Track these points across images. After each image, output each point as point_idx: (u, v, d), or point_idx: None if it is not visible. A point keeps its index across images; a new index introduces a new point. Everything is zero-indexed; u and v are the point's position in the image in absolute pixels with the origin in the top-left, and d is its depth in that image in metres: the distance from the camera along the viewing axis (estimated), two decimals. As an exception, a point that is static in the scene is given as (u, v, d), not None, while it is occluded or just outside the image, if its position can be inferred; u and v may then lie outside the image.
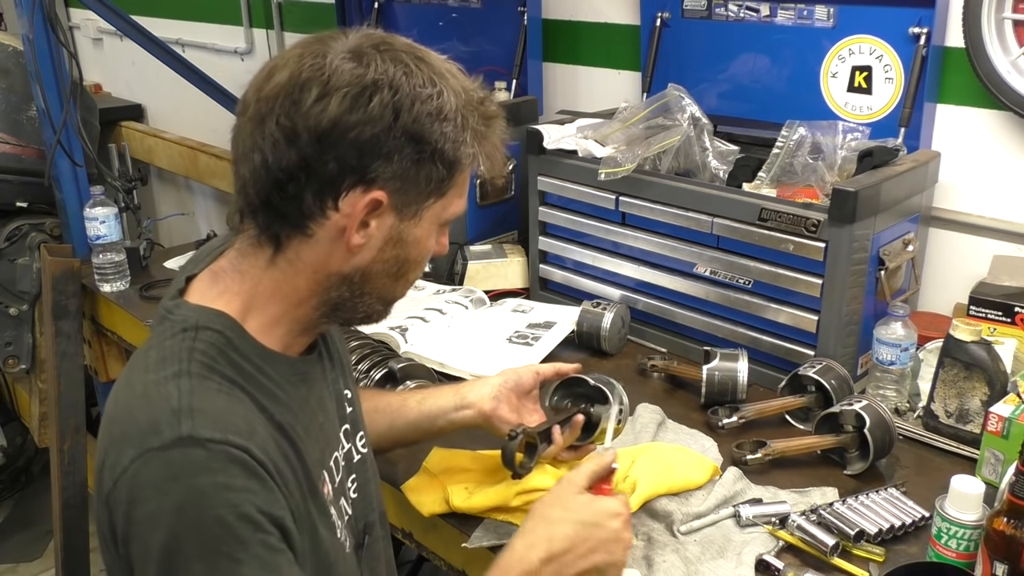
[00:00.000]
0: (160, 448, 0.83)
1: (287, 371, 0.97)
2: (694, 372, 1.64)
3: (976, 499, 1.13)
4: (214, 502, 0.82)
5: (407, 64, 0.91)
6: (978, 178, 1.76)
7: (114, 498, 0.85)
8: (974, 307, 1.60)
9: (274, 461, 0.89)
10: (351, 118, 0.88)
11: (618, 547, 1.06)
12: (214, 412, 0.86)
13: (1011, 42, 1.62)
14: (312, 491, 0.97)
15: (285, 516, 0.88)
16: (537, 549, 1.03)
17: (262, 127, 0.89)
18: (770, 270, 1.63)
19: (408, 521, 1.43)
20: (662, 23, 2.10)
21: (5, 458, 3.34)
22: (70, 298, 2.37)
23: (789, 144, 1.77)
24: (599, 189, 1.84)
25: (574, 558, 1.03)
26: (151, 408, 0.87)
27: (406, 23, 2.69)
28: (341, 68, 0.88)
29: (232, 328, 0.93)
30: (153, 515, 0.82)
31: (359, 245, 0.93)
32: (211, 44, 3.52)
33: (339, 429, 1.10)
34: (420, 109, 0.90)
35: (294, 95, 0.88)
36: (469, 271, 2.06)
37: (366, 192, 0.90)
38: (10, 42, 2.73)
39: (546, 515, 1.07)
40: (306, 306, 0.98)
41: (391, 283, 1.00)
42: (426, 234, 0.98)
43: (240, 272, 0.96)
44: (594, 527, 1.06)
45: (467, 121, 0.94)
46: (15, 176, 2.68)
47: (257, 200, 0.92)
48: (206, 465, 0.83)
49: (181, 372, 0.89)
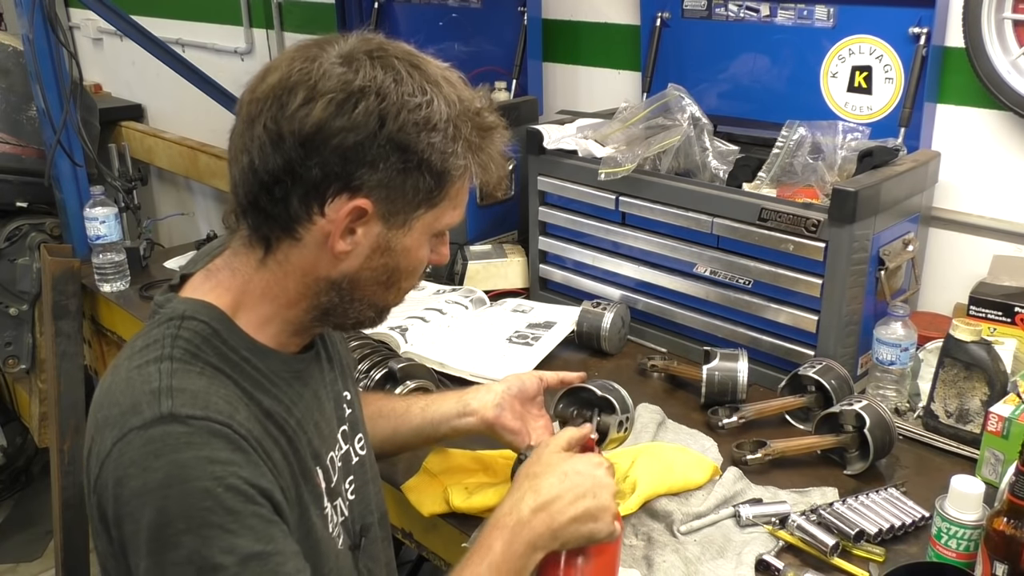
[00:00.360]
0: (141, 427, 0.84)
1: (280, 367, 0.98)
2: (694, 372, 1.64)
3: (976, 499, 1.13)
4: (199, 474, 0.83)
5: (398, 71, 0.90)
6: (978, 178, 1.76)
7: (101, 482, 0.86)
8: (974, 307, 1.60)
9: (258, 439, 0.89)
10: (335, 124, 0.87)
11: (604, 491, 1.07)
12: (194, 391, 0.87)
13: (1011, 42, 1.62)
14: (305, 476, 0.97)
15: (274, 489, 0.88)
16: (526, 501, 1.04)
17: (251, 129, 0.90)
18: (770, 270, 1.63)
19: (408, 521, 1.43)
20: (662, 23, 2.10)
21: (5, 458, 3.34)
22: (70, 298, 2.37)
23: (789, 144, 1.77)
24: (599, 189, 1.84)
25: (563, 504, 1.04)
26: (132, 391, 0.87)
27: (406, 23, 2.69)
28: (330, 73, 0.88)
29: (219, 319, 0.94)
30: (139, 492, 0.83)
31: (345, 252, 0.93)
32: (211, 44, 3.52)
33: (337, 430, 1.10)
34: (407, 118, 0.89)
35: (282, 98, 0.88)
36: (469, 271, 2.06)
37: (351, 199, 0.90)
38: (10, 42, 2.73)
39: (529, 473, 1.09)
40: (296, 308, 0.97)
41: (382, 291, 0.99)
42: (416, 244, 0.97)
43: (232, 270, 0.97)
44: (577, 475, 1.07)
45: (459, 131, 0.93)
46: (15, 176, 2.68)
47: (246, 202, 0.92)
48: (188, 440, 0.84)
49: (163, 357, 0.90)
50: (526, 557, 1.01)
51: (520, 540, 1.01)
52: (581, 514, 1.04)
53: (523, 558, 1.01)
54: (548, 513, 1.03)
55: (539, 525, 1.02)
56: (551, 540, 1.03)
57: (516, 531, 1.02)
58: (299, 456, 0.96)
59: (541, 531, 1.02)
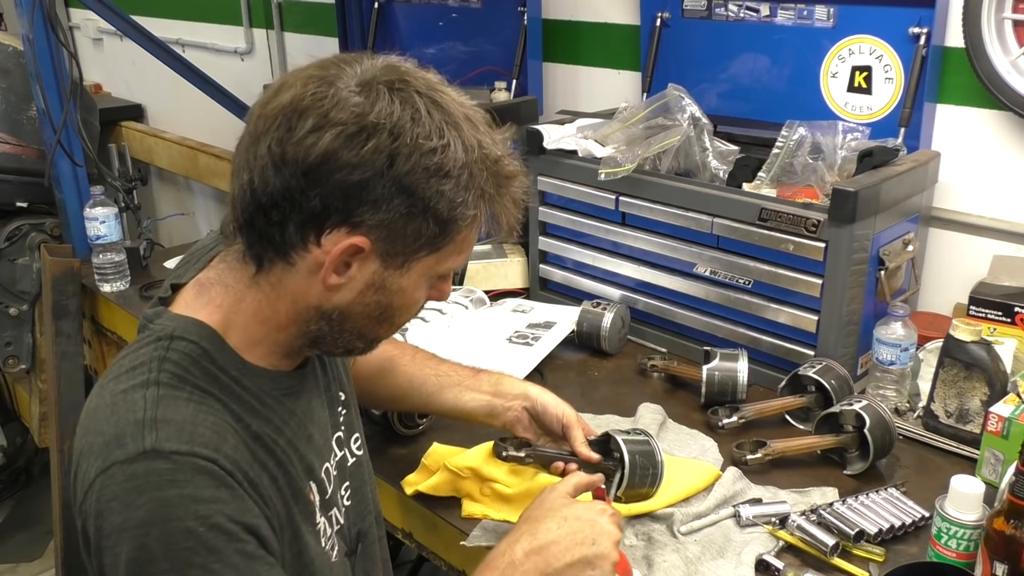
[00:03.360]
0: (125, 461, 0.82)
1: (270, 386, 0.95)
2: (694, 372, 1.64)
3: (976, 499, 1.13)
4: (182, 514, 0.81)
5: (417, 108, 0.85)
6: (978, 178, 1.76)
7: (84, 510, 0.85)
8: (974, 307, 1.60)
9: (244, 470, 0.87)
10: (342, 157, 0.83)
11: (605, 539, 1.04)
12: (180, 422, 0.84)
13: (1011, 42, 1.62)
14: (296, 497, 0.95)
15: (260, 524, 0.86)
16: (521, 543, 1.02)
17: (256, 146, 0.86)
18: (770, 270, 1.63)
19: (408, 521, 1.43)
20: (662, 23, 2.10)
21: (5, 458, 3.34)
22: (70, 298, 2.37)
23: (789, 144, 1.77)
24: (599, 189, 1.84)
25: (559, 550, 1.01)
26: (117, 419, 0.85)
27: (406, 23, 2.69)
28: (345, 102, 0.83)
29: (210, 339, 0.91)
30: (120, 528, 0.81)
31: (337, 285, 0.90)
32: (211, 44, 3.52)
33: (331, 438, 1.08)
34: (418, 161, 0.84)
35: (291, 121, 0.84)
36: (469, 271, 2.06)
37: (349, 235, 0.86)
38: (10, 42, 2.73)
39: (530, 516, 1.07)
40: (286, 332, 0.95)
41: (373, 325, 0.96)
42: (413, 285, 0.93)
43: (225, 285, 0.94)
44: (577, 520, 1.04)
45: (473, 180, 0.88)
46: (15, 176, 2.68)
47: (243, 219, 0.89)
48: (172, 477, 0.81)
49: (149, 382, 0.87)
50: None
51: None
52: (577, 560, 1.01)
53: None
54: (543, 557, 1.00)
55: (532, 569, 1.00)
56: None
57: (507, 573, 1.00)
58: (289, 477, 0.94)
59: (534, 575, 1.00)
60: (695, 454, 1.46)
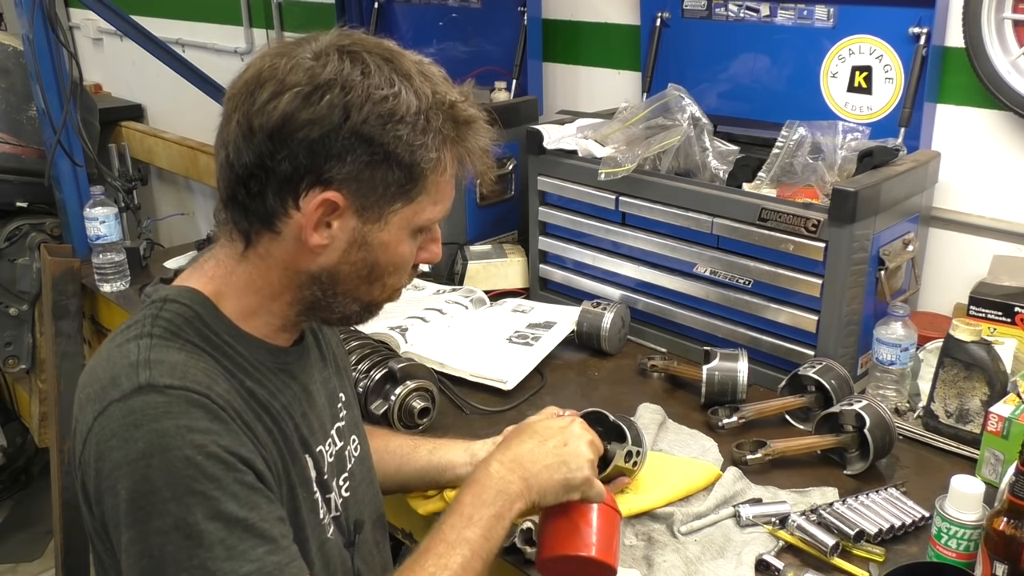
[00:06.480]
0: (120, 399, 0.85)
1: (264, 357, 0.98)
2: (694, 372, 1.64)
3: (976, 499, 1.13)
4: (180, 443, 0.83)
5: (367, 64, 0.89)
6: (978, 178, 1.76)
7: (85, 459, 0.87)
8: (974, 307, 1.60)
9: (237, 411, 0.89)
10: (301, 116, 0.87)
11: (576, 440, 1.10)
12: (172, 363, 0.88)
13: (1011, 42, 1.62)
14: (293, 457, 0.97)
15: (255, 459, 0.88)
16: (495, 457, 1.08)
17: (228, 124, 0.92)
18: (770, 270, 1.63)
19: (408, 521, 1.43)
20: (662, 23, 2.10)
21: (5, 458, 3.34)
22: (70, 298, 2.37)
23: (789, 144, 1.77)
24: (599, 189, 1.84)
25: (533, 455, 1.07)
26: (112, 366, 0.89)
27: (406, 23, 2.69)
28: (298, 66, 0.89)
29: (202, 304, 0.95)
30: (120, 463, 0.83)
31: (320, 245, 0.93)
32: (211, 44, 3.52)
33: (330, 427, 1.09)
34: (371, 110, 0.88)
35: (253, 93, 0.89)
36: (469, 271, 2.06)
37: (322, 192, 0.90)
38: (10, 42, 2.73)
39: (503, 442, 1.14)
40: (280, 301, 0.98)
41: (364, 286, 0.98)
42: (395, 239, 0.96)
43: (217, 260, 0.98)
44: (546, 428, 1.12)
45: (430, 124, 0.92)
46: (15, 176, 2.68)
47: (225, 196, 0.94)
48: (167, 409, 0.84)
49: (143, 334, 0.91)
50: (496, 505, 1.03)
51: (489, 489, 1.04)
52: (552, 461, 1.07)
53: (492, 505, 1.03)
54: (517, 463, 1.07)
55: (508, 474, 1.05)
56: (525, 489, 1.05)
57: (484, 483, 1.04)
58: (285, 436, 0.96)
59: (511, 479, 1.05)
60: (695, 454, 1.46)
